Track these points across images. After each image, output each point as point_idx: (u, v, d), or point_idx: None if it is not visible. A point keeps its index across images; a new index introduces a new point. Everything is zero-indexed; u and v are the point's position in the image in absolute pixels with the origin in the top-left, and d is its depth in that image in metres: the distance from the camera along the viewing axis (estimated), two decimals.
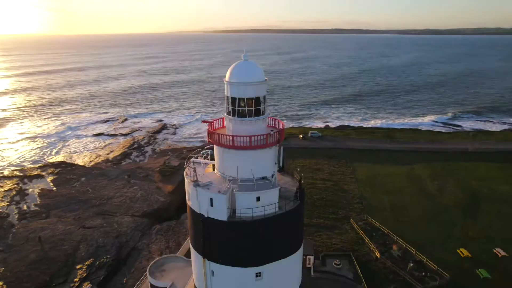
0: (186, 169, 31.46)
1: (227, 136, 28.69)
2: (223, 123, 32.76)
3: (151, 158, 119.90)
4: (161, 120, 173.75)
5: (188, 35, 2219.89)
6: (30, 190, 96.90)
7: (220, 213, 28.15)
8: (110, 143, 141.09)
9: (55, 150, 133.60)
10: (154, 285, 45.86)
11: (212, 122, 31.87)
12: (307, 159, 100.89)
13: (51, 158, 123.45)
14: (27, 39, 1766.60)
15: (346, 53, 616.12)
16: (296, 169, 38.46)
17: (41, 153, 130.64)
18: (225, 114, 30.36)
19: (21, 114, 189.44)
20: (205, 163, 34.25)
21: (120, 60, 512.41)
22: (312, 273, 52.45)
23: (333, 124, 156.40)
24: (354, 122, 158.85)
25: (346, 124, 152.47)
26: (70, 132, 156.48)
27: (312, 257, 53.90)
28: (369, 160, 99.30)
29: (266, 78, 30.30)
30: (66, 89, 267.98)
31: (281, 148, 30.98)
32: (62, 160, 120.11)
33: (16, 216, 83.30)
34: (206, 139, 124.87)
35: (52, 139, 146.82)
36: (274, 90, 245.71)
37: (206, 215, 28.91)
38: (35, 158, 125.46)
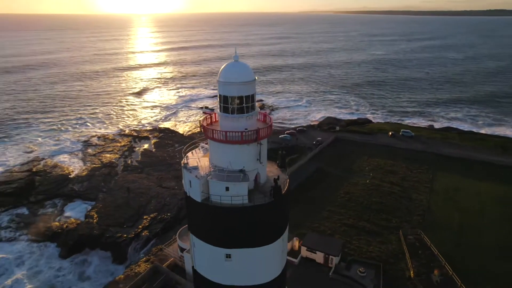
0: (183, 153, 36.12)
1: (210, 129, 31.87)
2: None
3: None
4: (261, 100, 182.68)
5: (317, 16, 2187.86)
6: (137, 148, 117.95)
7: (196, 195, 31.97)
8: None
9: (166, 118, 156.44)
10: (180, 246, 53.48)
11: (211, 114, 35.35)
12: (384, 158, 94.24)
13: (160, 124, 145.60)
14: (168, 17, 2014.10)
15: (498, 41, 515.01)
16: (283, 168, 38.84)
17: (156, 118, 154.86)
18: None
19: (153, 85, 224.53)
20: (207, 149, 38.17)
21: (246, 39, 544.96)
22: (330, 274, 52.10)
23: (439, 124, 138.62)
24: (466, 126, 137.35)
25: (454, 126, 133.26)
26: (183, 104, 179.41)
27: (334, 258, 53.25)
28: (457, 171, 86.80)
29: (255, 78, 32.05)
30: (191, 65, 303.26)
31: (261, 146, 32.50)
32: (168, 127, 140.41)
33: (121, 168, 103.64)
34: (296, 124, 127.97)
35: (168, 108, 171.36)
36: (385, 81, 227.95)
37: (188, 194, 33.23)
38: (150, 122, 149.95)
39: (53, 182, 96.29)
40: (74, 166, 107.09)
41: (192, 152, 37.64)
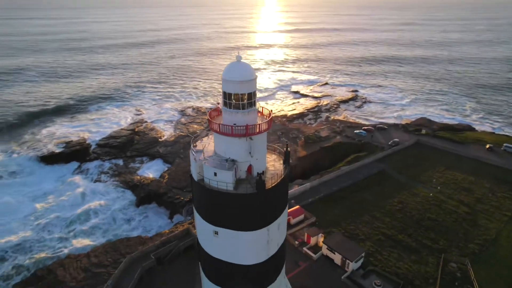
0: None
1: (210, 120, 35.66)
2: None
3: (319, 124, 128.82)
4: (355, 91, 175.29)
5: None
6: None
7: (194, 174, 36.76)
8: (297, 102, 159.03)
9: (258, 97, 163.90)
10: None
11: (217, 108, 38.87)
12: (465, 173, 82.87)
13: None
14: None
15: None
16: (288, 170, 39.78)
17: (257, 96, 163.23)
18: None
19: (259, 66, 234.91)
20: None
21: (365, 23, 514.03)
22: (342, 277, 51.65)
23: None
24: None
25: None
26: (279, 87, 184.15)
27: (351, 263, 52.33)
28: None
29: (255, 77, 34.34)
30: (300, 48, 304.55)
31: (253, 141, 34.86)
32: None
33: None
34: (385, 121, 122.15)
35: (266, 90, 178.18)
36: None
37: (190, 172, 38.25)
38: None
39: (146, 142, 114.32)
40: (166, 131, 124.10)
41: (207, 137, 42.14)
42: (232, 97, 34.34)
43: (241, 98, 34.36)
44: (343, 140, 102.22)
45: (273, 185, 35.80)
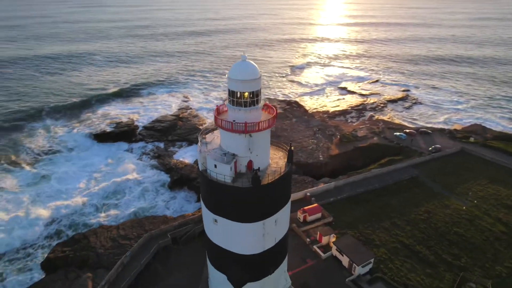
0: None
1: (216, 116, 37.60)
2: None
3: (361, 122, 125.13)
4: (407, 90, 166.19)
5: None
6: None
7: (200, 165, 39.33)
8: (343, 98, 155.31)
9: (304, 92, 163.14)
10: None
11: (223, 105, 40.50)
12: None
13: (290, 97, 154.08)
14: None
15: None
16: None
17: (295, 92, 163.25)
18: None
19: (315, 59, 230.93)
20: None
21: (435, 18, 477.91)
22: (347, 280, 51.45)
23: None
24: None
25: None
26: (327, 82, 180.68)
27: (357, 267, 51.82)
28: None
29: (258, 76, 35.59)
30: (354, 43, 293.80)
31: (252, 138, 36.24)
32: (295, 100, 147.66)
33: None
34: (433, 125, 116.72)
35: (315, 85, 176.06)
36: None
37: (198, 161, 40.90)
38: (286, 93, 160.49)
39: (187, 128, 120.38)
40: (207, 119, 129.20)
41: (218, 130, 44.04)
42: (236, 95, 36.00)
43: (243, 96, 35.84)
44: (380, 142, 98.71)
45: (270, 181, 37.13)
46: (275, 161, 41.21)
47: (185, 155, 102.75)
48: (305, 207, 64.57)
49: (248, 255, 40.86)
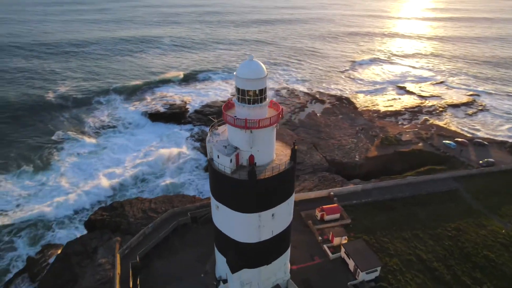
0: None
1: (223, 111, 39.86)
2: None
3: (412, 125, 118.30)
4: (475, 95, 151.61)
5: None
6: (308, 108, 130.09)
7: (208, 153, 42.34)
8: (399, 98, 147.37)
9: (359, 89, 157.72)
10: None
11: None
12: None
13: (343, 93, 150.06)
14: None
15: None
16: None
17: (350, 88, 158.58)
18: None
19: (379, 56, 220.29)
20: None
21: None
22: (349, 283, 51.35)
23: None
24: None
25: None
26: (387, 81, 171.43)
27: (361, 273, 51.33)
28: None
29: (263, 76, 37.06)
30: (433, 40, 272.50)
31: (253, 135, 37.98)
32: (347, 97, 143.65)
33: (282, 120, 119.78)
34: (495, 136, 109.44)
35: (373, 83, 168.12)
36: None
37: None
38: (341, 89, 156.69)
39: None
40: None
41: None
42: (241, 92, 37.94)
43: (248, 94, 37.66)
44: (425, 148, 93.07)
45: (266, 177, 38.82)
46: (280, 158, 42.59)
47: None
48: (324, 206, 64.71)
49: (245, 243, 43.32)
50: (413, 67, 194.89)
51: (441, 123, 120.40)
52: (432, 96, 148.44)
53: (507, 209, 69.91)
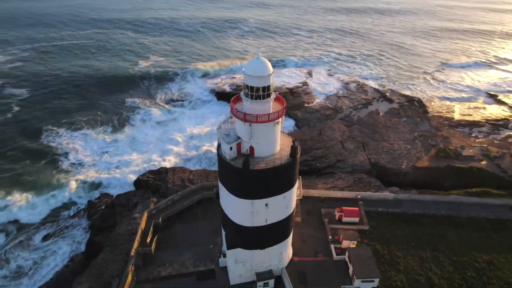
0: None
1: (232, 104, 43.14)
2: None
3: (488, 140, 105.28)
4: None
5: None
6: (371, 106, 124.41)
7: (217, 139, 46.37)
8: (483, 107, 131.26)
9: (438, 93, 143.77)
10: None
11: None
12: None
13: (416, 94, 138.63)
14: None
15: None
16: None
17: (429, 90, 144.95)
18: None
19: (484, 61, 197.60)
20: None
21: None
22: (342, 286, 51.73)
23: None
24: None
25: None
26: (472, 87, 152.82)
27: (356, 280, 51.13)
28: None
29: (269, 74, 39.20)
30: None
31: (252, 128, 40.80)
32: (420, 98, 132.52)
33: (336, 115, 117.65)
34: None
35: (456, 88, 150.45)
36: None
37: None
38: (413, 89, 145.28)
39: (293, 104, 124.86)
40: (317, 99, 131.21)
41: None
42: (246, 87, 40.82)
43: (252, 89, 40.34)
44: (488, 168, 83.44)
45: (260, 168, 41.59)
46: (283, 153, 44.57)
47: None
48: (344, 207, 64.54)
49: (240, 225, 47.19)
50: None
51: None
52: None
53: None
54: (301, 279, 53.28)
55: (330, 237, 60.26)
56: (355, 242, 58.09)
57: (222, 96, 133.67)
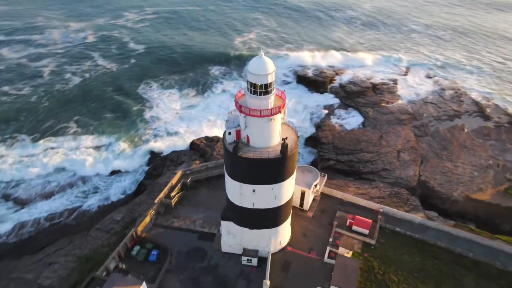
0: None
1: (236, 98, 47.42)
2: None
3: None
4: None
5: None
6: (460, 121, 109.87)
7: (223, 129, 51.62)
8: None
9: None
10: None
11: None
12: None
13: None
14: None
15: None
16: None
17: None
18: None
19: None
20: None
21: None
22: (318, 287, 53.42)
23: None
24: None
25: None
26: None
27: (332, 286, 52.12)
28: None
29: (271, 72, 42.30)
30: None
31: (247, 120, 44.81)
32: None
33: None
34: None
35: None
36: None
37: None
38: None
39: (371, 100, 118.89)
40: (400, 100, 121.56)
41: None
42: (248, 83, 44.65)
43: (252, 85, 44.04)
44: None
45: (247, 156, 45.78)
46: (278, 148, 47.40)
47: (344, 120, 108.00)
48: (357, 216, 63.79)
49: (231, 201, 52.82)
50: None
51: None
52: None
53: None
54: (284, 267, 56.80)
55: (331, 239, 61.20)
56: (350, 252, 58.06)
57: (302, 79, 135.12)
